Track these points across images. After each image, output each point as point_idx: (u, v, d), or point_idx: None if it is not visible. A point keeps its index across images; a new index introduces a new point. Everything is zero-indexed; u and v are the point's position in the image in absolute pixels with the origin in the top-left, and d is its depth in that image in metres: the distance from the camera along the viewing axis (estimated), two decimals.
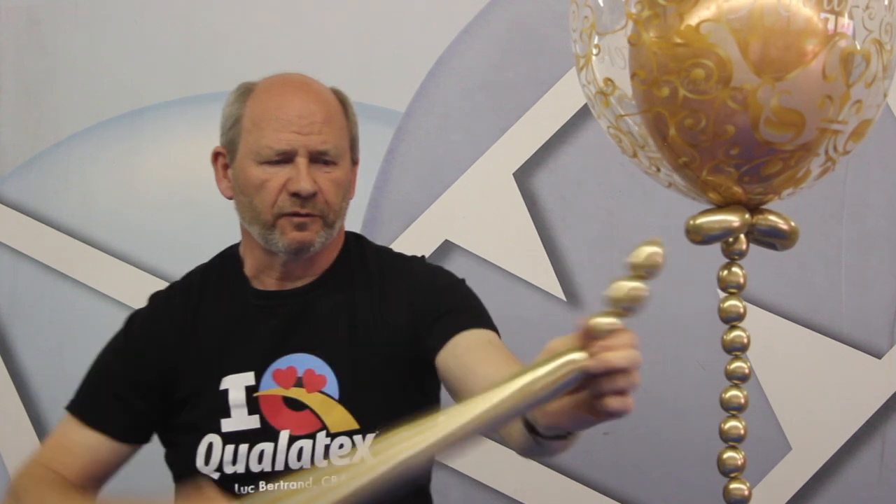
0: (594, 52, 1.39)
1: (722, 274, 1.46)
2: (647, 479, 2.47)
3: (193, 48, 2.54)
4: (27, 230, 2.54)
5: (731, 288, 1.45)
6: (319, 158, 1.78)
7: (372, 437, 1.76)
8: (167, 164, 2.53)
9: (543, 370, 1.19)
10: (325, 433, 1.77)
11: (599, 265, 2.49)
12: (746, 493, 1.48)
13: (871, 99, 1.38)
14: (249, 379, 1.79)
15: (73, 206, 2.54)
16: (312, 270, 1.84)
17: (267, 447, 1.77)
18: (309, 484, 1.24)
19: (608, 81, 1.39)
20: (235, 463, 1.77)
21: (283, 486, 1.39)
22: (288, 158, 1.76)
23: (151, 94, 2.53)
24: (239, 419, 1.78)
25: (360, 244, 1.91)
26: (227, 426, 1.78)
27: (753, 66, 1.30)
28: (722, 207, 1.43)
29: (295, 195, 1.75)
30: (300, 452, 1.77)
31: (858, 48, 1.35)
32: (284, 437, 1.77)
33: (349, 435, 1.77)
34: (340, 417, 1.77)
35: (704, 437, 2.34)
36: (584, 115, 2.47)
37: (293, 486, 1.25)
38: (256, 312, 1.83)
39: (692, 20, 1.32)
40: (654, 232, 2.43)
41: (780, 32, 1.31)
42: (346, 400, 1.77)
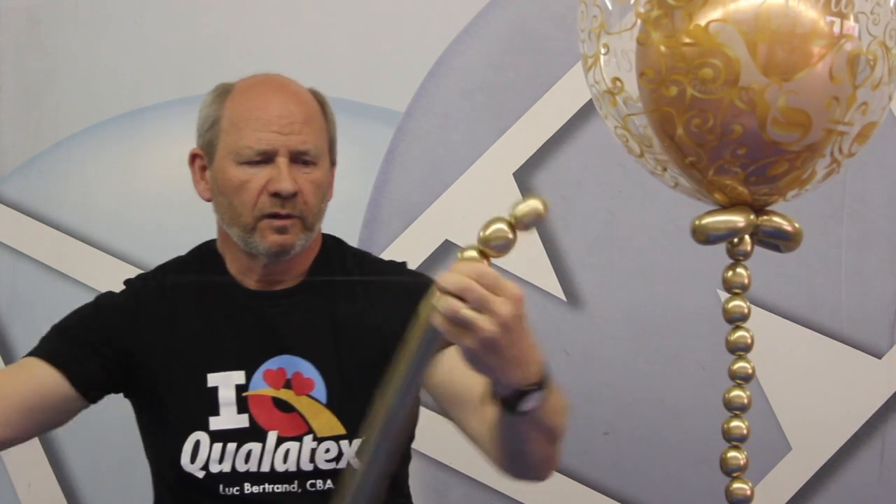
0: (602, 51, 1.40)
1: (727, 275, 1.46)
2: (647, 479, 2.47)
3: (193, 48, 2.53)
4: (27, 230, 2.53)
5: (735, 289, 1.46)
6: (299, 159, 1.77)
7: (358, 442, 1.75)
8: (167, 164, 2.52)
9: (412, 339, 1.28)
10: (311, 437, 1.77)
11: (599, 265, 2.49)
12: (749, 492, 1.48)
13: (876, 102, 1.39)
14: (240, 378, 1.78)
15: (73, 206, 2.54)
16: (293, 272, 1.83)
17: (255, 447, 1.76)
18: None
19: (616, 81, 1.40)
20: (222, 462, 1.76)
21: None
22: (268, 159, 1.75)
23: (151, 94, 2.53)
24: (228, 418, 1.77)
25: (339, 247, 1.90)
26: (215, 424, 1.77)
27: (761, 66, 1.31)
28: (727, 208, 1.43)
29: (276, 195, 1.74)
30: (286, 454, 1.76)
31: (866, 50, 1.36)
32: (272, 437, 1.77)
33: (336, 440, 1.77)
34: (327, 422, 1.77)
35: (705, 437, 2.35)
36: (584, 115, 2.47)
37: None
38: (242, 310, 1.82)
39: (701, 20, 1.33)
40: (654, 232, 2.46)
41: (786, 35, 1.32)
42: (333, 405, 1.78)
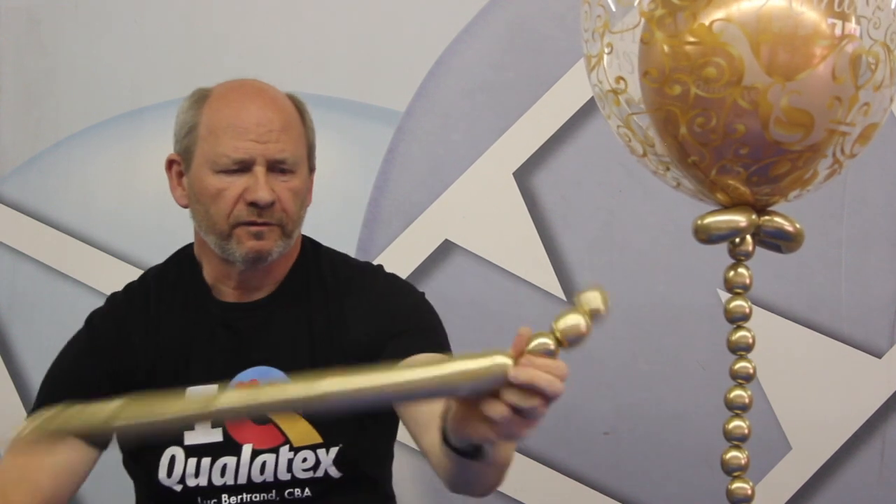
0: (606, 50, 1.40)
1: (728, 275, 1.47)
2: (647, 479, 2.47)
3: (193, 48, 2.53)
4: (27, 230, 2.53)
5: (737, 289, 1.46)
6: (277, 167, 1.75)
7: (336, 450, 1.75)
8: (164, 168, 2.52)
9: (472, 363, 1.23)
10: (288, 447, 1.76)
11: (599, 265, 2.49)
12: (749, 492, 1.48)
13: (878, 103, 1.39)
14: (213, 392, 1.74)
15: (73, 206, 2.54)
16: (270, 279, 1.82)
17: (230, 461, 1.76)
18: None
19: (619, 80, 1.40)
20: (198, 476, 1.76)
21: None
22: (245, 167, 1.74)
23: (151, 94, 2.53)
24: (202, 432, 1.76)
25: (316, 252, 1.89)
26: (189, 439, 1.76)
27: (764, 66, 1.31)
28: (729, 208, 1.43)
29: (252, 204, 1.73)
30: (263, 466, 1.76)
31: (867, 50, 1.36)
32: (247, 451, 1.76)
33: (313, 449, 1.76)
34: (304, 431, 1.76)
35: (705, 437, 2.36)
36: (584, 114, 2.47)
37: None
38: (217, 324, 1.81)
39: (705, 19, 1.33)
40: (654, 232, 2.46)
41: (787, 36, 1.32)
42: (309, 414, 1.76)
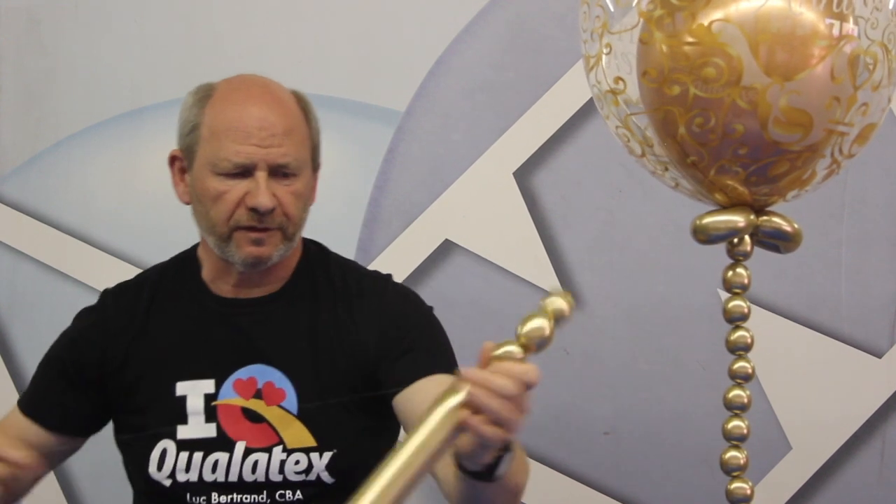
0: (605, 51, 1.40)
1: (727, 275, 1.47)
2: (647, 479, 2.47)
3: (193, 48, 2.53)
4: (27, 230, 2.53)
5: (735, 288, 1.46)
6: (279, 171, 1.72)
7: (329, 455, 1.74)
8: (167, 164, 2.52)
9: (428, 428, 1.28)
10: (281, 448, 1.74)
11: (599, 265, 2.49)
12: (749, 492, 1.49)
13: (876, 103, 1.40)
14: (209, 386, 1.76)
15: (73, 205, 2.54)
16: (270, 279, 1.80)
17: (221, 457, 1.74)
18: None
19: (619, 80, 1.40)
20: (189, 471, 1.74)
21: None
22: (246, 172, 1.71)
23: (151, 94, 2.53)
24: (195, 427, 1.75)
25: (323, 256, 1.87)
26: (182, 433, 1.75)
27: (763, 66, 1.31)
28: (728, 208, 1.44)
29: (253, 210, 1.71)
30: (255, 465, 1.73)
31: (865, 50, 1.36)
32: (240, 448, 1.74)
33: (306, 452, 1.74)
34: (298, 433, 1.74)
35: (705, 437, 2.35)
36: (584, 115, 2.47)
37: None
38: (214, 318, 1.79)
39: (703, 20, 1.33)
40: (654, 232, 2.46)
41: (786, 36, 1.32)
42: (304, 416, 1.74)
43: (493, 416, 1.26)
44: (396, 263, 2.36)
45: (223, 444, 1.74)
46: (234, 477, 1.74)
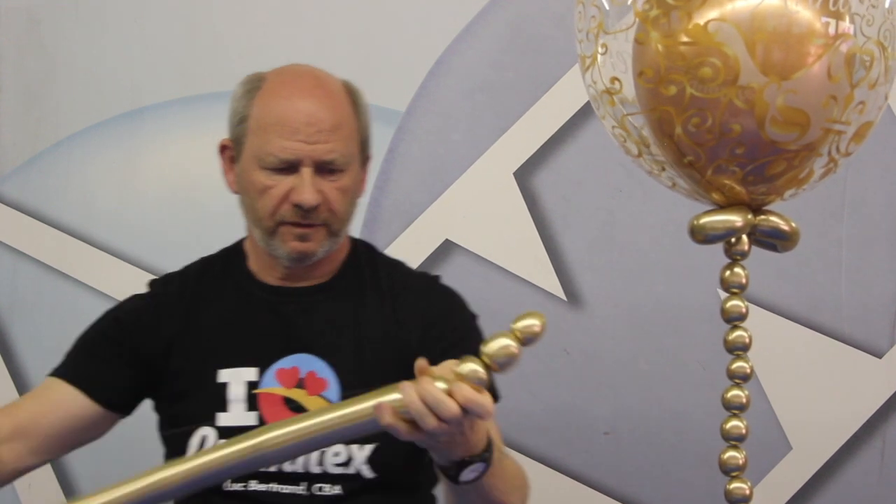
0: (600, 51, 1.40)
1: (724, 274, 1.47)
2: (647, 479, 2.47)
3: (193, 48, 2.53)
4: (27, 230, 2.54)
5: (733, 288, 1.46)
6: (325, 167, 1.72)
7: (371, 448, 1.73)
8: (167, 164, 2.53)
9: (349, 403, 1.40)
10: None
11: (599, 265, 2.49)
12: (747, 492, 1.48)
13: (873, 101, 1.39)
14: (252, 374, 1.75)
15: (73, 206, 2.54)
16: (316, 273, 1.80)
17: None
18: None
19: (615, 80, 1.40)
20: None
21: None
22: (292, 167, 1.71)
23: (151, 94, 2.53)
24: (236, 414, 1.74)
25: (371, 254, 1.87)
26: (222, 420, 1.74)
27: (760, 65, 1.31)
28: (725, 208, 1.44)
29: (297, 206, 1.71)
30: None
31: (861, 48, 1.36)
32: None
33: (346, 443, 1.72)
34: None
35: (705, 437, 2.35)
36: (584, 115, 2.47)
37: None
38: (259, 306, 1.80)
39: (700, 19, 1.33)
40: (654, 231, 2.46)
41: (782, 34, 1.32)
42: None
43: (427, 430, 1.35)
44: None
45: None
46: (273, 467, 1.71)
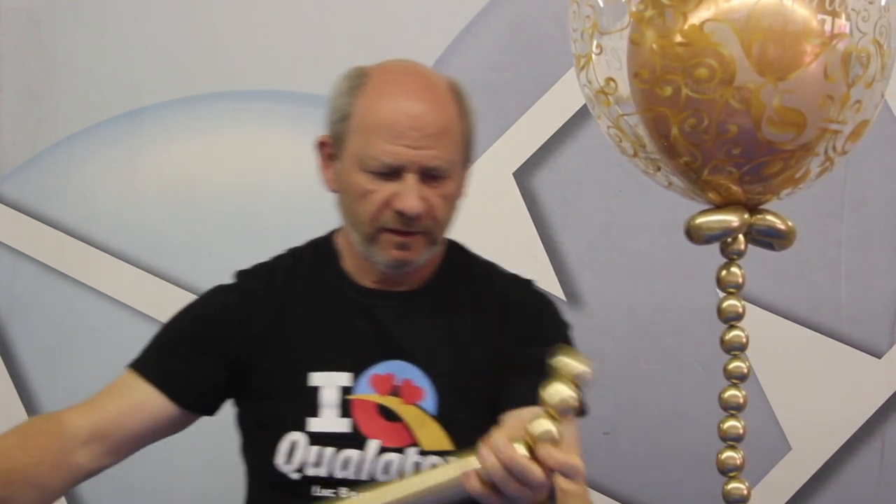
0: (595, 51, 1.40)
1: (721, 274, 1.47)
2: (647, 479, 2.47)
3: (193, 48, 2.53)
4: (27, 230, 2.54)
5: (730, 288, 1.46)
6: (429, 174, 1.65)
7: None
8: (167, 164, 2.52)
9: (438, 473, 1.38)
10: (416, 449, 1.67)
11: (599, 265, 2.49)
12: (745, 492, 1.48)
13: (869, 99, 1.39)
14: (345, 380, 1.69)
15: (72, 206, 2.54)
16: (412, 278, 1.74)
17: (353, 454, 1.67)
18: None
19: (609, 81, 1.40)
20: (319, 465, 1.67)
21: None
22: (395, 172, 1.64)
23: (151, 94, 2.53)
24: (328, 420, 1.68)
25: (465, 257, 1.82)
26: (313, 426, 1.68)
27: (756, 65, 1.31)
28: (721, 207, 1.44)
29: (399, 213, 1.65)
30: (387, 465, 1.67)
31: (857, 46, 1.36)
32: (374, 446, 1.67)
33: (442, 455, 1.66)
34: (434, 435, 1.67)
35: (704, 437, 2.34)
36: (584, 115, 2.47)
37: None
38: (354, 308, 1.74)
39: (695, 19, 1.33)
40: (653, 231, 2.46)
41: (777, 32, 1.32)
42: (442, 417, 1.68)
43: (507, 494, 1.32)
44: None
45: (356, 440, 1.67)
46: (364, 475, 1.67)
